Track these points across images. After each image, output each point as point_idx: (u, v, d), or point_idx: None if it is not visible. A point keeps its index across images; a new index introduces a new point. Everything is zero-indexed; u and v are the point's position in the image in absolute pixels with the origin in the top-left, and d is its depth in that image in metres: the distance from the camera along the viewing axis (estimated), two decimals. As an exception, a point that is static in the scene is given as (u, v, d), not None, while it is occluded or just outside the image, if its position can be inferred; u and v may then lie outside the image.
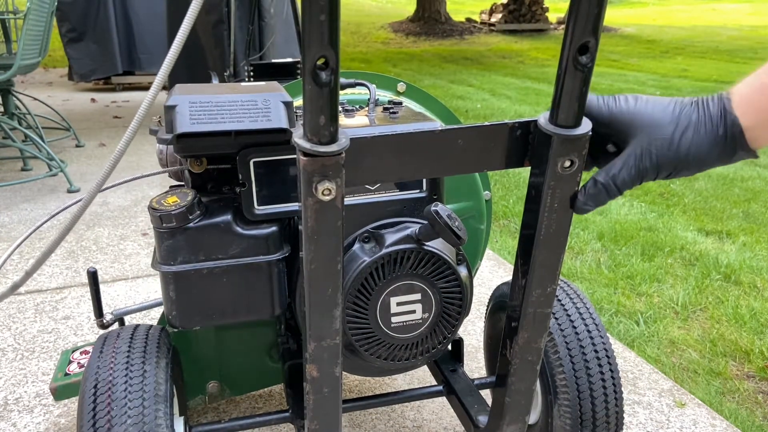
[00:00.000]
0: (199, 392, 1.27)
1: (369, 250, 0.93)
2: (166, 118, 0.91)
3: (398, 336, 0.97)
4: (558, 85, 0.71)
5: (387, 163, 0.74)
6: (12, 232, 2.64)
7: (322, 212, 0.68)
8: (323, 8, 0.57)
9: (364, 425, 1.47)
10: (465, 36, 12.66)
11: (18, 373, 1.65)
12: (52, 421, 1.47)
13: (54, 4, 3.40)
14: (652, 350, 1.87)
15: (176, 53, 0.74)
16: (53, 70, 7.92)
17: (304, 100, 0.62)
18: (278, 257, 1.00)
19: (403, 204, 0.99)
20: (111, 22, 5.63)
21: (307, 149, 0.64)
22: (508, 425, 0.98)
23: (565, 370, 1.07)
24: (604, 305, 2.13)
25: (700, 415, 1.53)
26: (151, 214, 0.93)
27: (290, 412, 1.12)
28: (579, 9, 0.65)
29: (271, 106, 0.94)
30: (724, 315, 2.09)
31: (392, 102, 1.14)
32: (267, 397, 1.58)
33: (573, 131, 0.72)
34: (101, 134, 4.45)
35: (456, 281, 0.96)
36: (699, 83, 7.41)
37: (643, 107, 0.73)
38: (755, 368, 1.79)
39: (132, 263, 2.34)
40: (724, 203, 3.28)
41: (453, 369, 1.24)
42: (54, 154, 3.32)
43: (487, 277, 2.28)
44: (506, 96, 6.53)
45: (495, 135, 0.76)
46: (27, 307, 2.00)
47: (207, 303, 0.99)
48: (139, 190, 3.17)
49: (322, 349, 0.78)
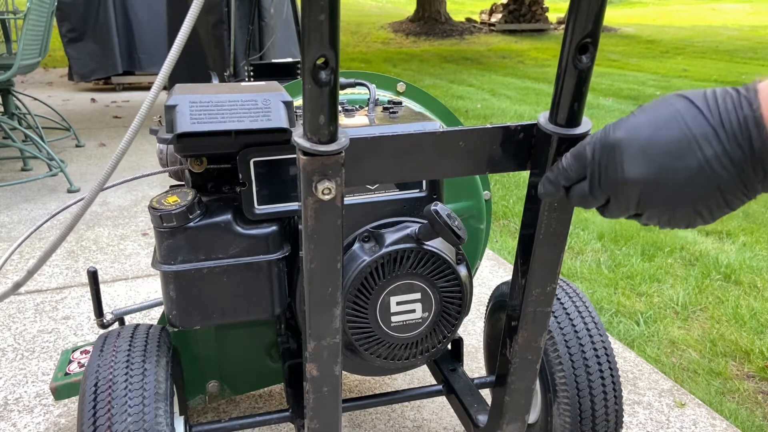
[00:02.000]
0: (199, 392, 1.27)
1: (369, 250, 0.93)
2: (167, 118, 0.91)
3: (398, 335, 0.97)
4: (558, 84, 0.71)
5: (387, 164, 0.74)
6: (12, 232, 2.64)
7: (322, 211, 0.68)
8: (323, 8, 0.57)
9: (364, 425, 1.47)
10: (465, 36, 12.66)
11: (18, 373, 1.65)
12: (52, 421, 1.47)
13: (54, 4, 3.40)
14: (652, 350, 1.87)
15: (177, 53, 0.74)
16: (53, 70, 7.91)
17: (304, 99, 0.63)
18: (278, 257, 1.00)
19: (402, 204, 0.99)
20: (111, 22, 5.63)
21: (307, 148, 0.64)
22: (507, 424, 0.98)
23: (565, 368, 1.07)
24: (604, 305, 2.13)
25: (700, 415, 1.53)
26: (152, 213, 0.94)
27: (290, 411, 1.12)
28: (579, 9, 0.66)
29: (271, 106, 0.94)
30: (724, 315, 2.09)
31: (392, 102, 1.15)
32: (267, 397, 1.58)
33: (573, 131, 0.73)
34: (101, 134, 4.45)
35: (456, 281, 0.96)
36: (699, 83, 7.41)
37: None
38: (755, 368, 1.79)
39: (132, 263, 2.34)
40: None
41: (453, 368, 1.25)
42: (54, 154, 3.33)
43: (487, 277, 2.28)
44: (506, 96, 6.54)
45: (496, 137, 0.76)
46: (27, 307, 2.00)
47: (207, 302, 0.99)
48: (139, 190, 3.17)
49: (322, 348, 0.79)
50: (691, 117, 0.55)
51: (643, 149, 0.57)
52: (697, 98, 0.56)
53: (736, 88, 0.56)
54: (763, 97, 0.53)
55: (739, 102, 0.54)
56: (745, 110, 0.53)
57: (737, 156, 0.53)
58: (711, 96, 0.56)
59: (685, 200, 0.57)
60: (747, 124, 0.53)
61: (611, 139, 0.60)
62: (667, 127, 0.56)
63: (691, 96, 0.57)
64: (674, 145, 0.55)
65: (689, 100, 0.57)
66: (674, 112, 0.56)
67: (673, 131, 0.56)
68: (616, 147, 0.59)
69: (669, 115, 0.57)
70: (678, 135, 0.55)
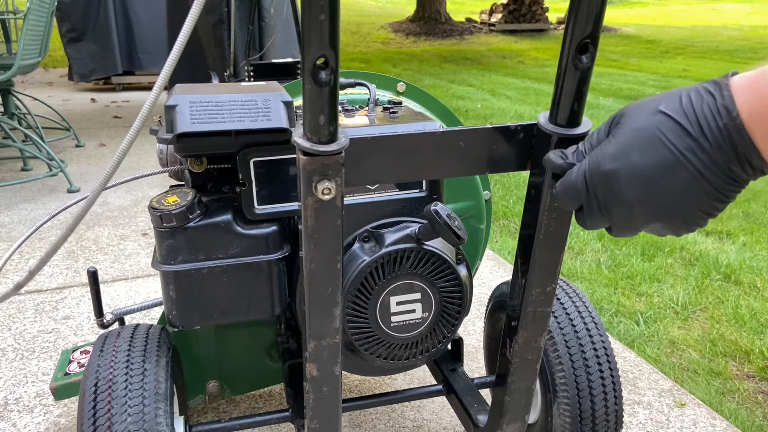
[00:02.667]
0: (199, 392, 1.27)
1: (369, 250, 0.93)
2: (167, 118, 0.91)
3: (398, 335, 0.97)
4: (558, 84, 0.71)
5: (387, 164, 0.74)
6: (12, 232, 2.64)
7: (322, 211, 0.68)
8: (323, 8, 0.57)
9: (364, 425, 1.47)
10: (465, 36, 12.66)
11: (18, 373, 1.65)
12: (52, 421, 1.47)
13: (54, 4, 3.40)
14: (652, 350, 1.87)
15: (178, 54, 0.74)
16: (53, 70, 7.91)
17: (304, 99, 0.63)
18: (278, 257, 1.00)
19: (402, 203, 0.99)
20: (111, 22, 5.63)
21: (307, 148, 0.64)
22: (507, 424, 0.98)
23: (565, 368, 1.07)
24: (604, 305, 2.13)
25: (700, 415, 1.53)
26: (152, 213, 0.94)
27: (290, 411, 1.12)
28: (579, 9, 0.66)
29: (271, 106, 0.94)
30: (724, 315, 2.09)
31: (392, 102, 1.15)
32: (267, 397, 1.58)
33: (573, 131, 0.73)
34: (101, 134, 4.45)
35: (456, 281, 0.96)
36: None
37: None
38: (755, 368, 1.79)
39: (132, 263, 2.34)
40: (723, 203, 3.28)
41: (453, 368, 1.25)
42: (54, 154, 3.33)
43: (487, 277, 2.28)
44: (506, 96, 6.54)
45: (496, 137, 0.76)
46: (27, 307, 2.00)
47: (207, 302, 0.99)
48: (139, 190, 3.17)
49: (322, 348, 0.79)
50: (673, 133, 0.57)
51: (636, 173, 0.60)
52: (675, 111, 0.58)
53: (710, 90, 0.57)
54: (741, 103, 0.54)
55: (717, 110, 0.55)
56: (725, 119, 0.55)
57: (723, 161, 0.56)
58: (687, 105, 0.57)
59: (686, 206, 0.59)
60: (729, 133, 0.55)
61: (604, 171, 0.62)
62: (653, 148, 0.58)
63: (669, 109, 0.58)
64: (663, 164, 0.58)
65: (667, 116, 0.58)
66: (655, 132, 0.58)
67: (659, 151, 0.58)
68: (611, 177, 0.61)
69: (651, 136, 0.59)
70: (665, 154, 0.58)
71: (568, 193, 0.67)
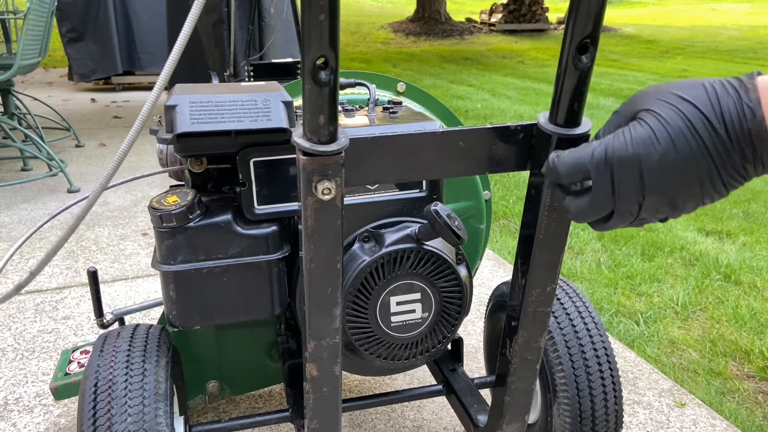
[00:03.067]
0: (199, 392, 1.27)
1: (369, 250, 0.93)
2: (167, 118, 0.92)
3: (398, 335, 0.97)
4: (558, 84, 0.71)
5: (387, 164, 0.74)
6: (12, 232, 2.64)
7: (322, 212, 0.68)
8: (323, 8, 0.57)
9: (364, 425, 1.47)
10: (465, 36, 12.66)
11: (18, 373, 1.65)
12: (52, 421, 1.47)
13: (54, 4, 3.40)
14: (652, 350, 1.87)
15: (178, 54, 0.74)
16: (53, 70, 7.92)
17: (304, 99, 0.63)
18: (278, 257, 1.00)
19: (402, 204, 0.99)
20: (111, 22, 5.63)
21: (307, 148, 0.64)
22: (507, 424, 0.98)
23: (565, 368, 1.07)
24: (604, 305, 2.13)
25: (700, 415, 1.53)
26: (152, 213, 0.94)
27: (290, 411, 1.12)
28: (579, 9, 0.66)
29: (271, 106, 0.94)
30: (724, 315, 2.09)
31: (392, 102, 1.15)
32: (267, 397, 1.58)
33: (573, 131, 0.73)
34: (101, 134, 4.45)
35: (456, 281, 0.96)
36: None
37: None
38: (755, 368, 1.79)
39: (132, 263, 2.34)
40: (724, 203, 3.28)
41: (453, 368, 1.25)
42: (54, 154, 3.32)
43: (487, 277, 2.28)
44: (506, 96, 6.54)
45: (496, 137, 0.76)
46: (27, 307, 2.00)
47: (207, 302, 0.99)
48: (139, 190, 3.17)
49: (322, 348, 0.79)
50: (701, 126, 0.58)
51: (663, 161, 0.59)
52: (702, 103, 0.58)
53: (734, 86, 0.57)
54: (765, 105, 0.55)
55: (741, 110, 0.56)
56: (749, 121, 0.55)
57: (740, 160, 0.57)
58: (714, 98, 0.58)
59: (693, 198, 0.60)
60: (751, 135, 0.56)
61: (628, 153, 0.61)
62: (682, 139, 0.58)
63: (696, 100, 0.58)
64: (689, 155, 0.58)
65: (694, 107, 0.58)
66: (685, 122, 0.58)
67: (689, 142, 0.58)
68: (635, 160, 0.60)
69: (682, 126, 0.58)
70: (693, 145, 0.58)
71: (574, 167, 0.65)
